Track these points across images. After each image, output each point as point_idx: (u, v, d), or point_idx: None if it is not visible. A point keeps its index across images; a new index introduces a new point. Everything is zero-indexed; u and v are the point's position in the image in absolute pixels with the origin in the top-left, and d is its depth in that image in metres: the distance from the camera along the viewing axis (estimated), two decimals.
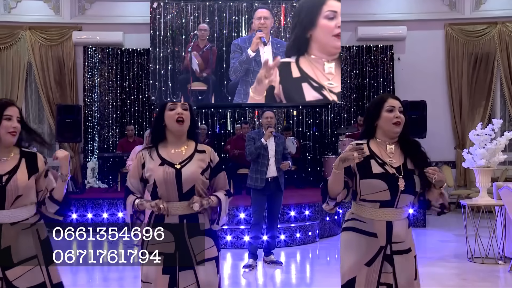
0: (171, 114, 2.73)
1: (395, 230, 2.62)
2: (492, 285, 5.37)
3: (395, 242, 2.62)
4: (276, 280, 5.71)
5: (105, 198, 8.42)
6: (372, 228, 2.63)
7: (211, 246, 2.73)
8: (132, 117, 10.83)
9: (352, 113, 10.80)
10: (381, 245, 2.61)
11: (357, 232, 2.66)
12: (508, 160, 8.61)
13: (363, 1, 10.86)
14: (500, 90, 10.79)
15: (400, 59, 10.85)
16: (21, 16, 10.72)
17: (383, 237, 2.61)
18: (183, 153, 2.75)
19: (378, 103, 2.70)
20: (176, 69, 10.27)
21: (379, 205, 2.61)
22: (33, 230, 2.66)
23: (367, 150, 2.65)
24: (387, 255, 2.61)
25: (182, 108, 2.74)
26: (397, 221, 2.63)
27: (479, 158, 6.12)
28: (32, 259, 2.61)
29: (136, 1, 10.72)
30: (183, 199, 2.68)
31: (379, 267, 2.60)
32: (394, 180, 2.59)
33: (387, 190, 2.58)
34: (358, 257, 2.62)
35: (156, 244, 2.63)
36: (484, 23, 10.70)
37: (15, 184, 2.62)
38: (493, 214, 6.48)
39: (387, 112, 2.66)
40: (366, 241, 2.63)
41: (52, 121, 10.49)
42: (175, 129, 2.74)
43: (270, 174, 5.84)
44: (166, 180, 2.66)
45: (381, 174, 2.59)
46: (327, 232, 7.78)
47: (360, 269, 2.61)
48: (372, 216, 2.63)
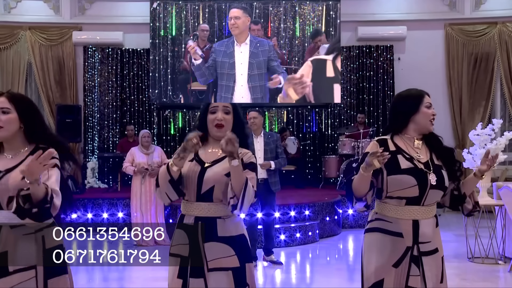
0: (211, 118, 2.60)
1: (422, 230, 2.53)
2: (492, 285, 5.37)
3: (422, 242, 2.53)
4: (276, 280, 5.71)
5: (105, 198, 8.42)
6: (397, 227, 2.54)
7: (229, 255, 2.51)
8: (132, 117, 10.82)
9: (352, 113, 10.80)
10: (407, 245, 2.52)
11: (382, 232, 2.57)
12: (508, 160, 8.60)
13: (363, 1, 10.86)
14: (500, 90, 10.79)
15: (400, 59, 10.85)
16: (21, 16, 10.72)
17: (409, 237, 2.52)
18: (219, 153, 2.58)
19: (416, 98, 2.65)
20: (176, 69, 10.27)
21: (405, 202, 2.53)
22: (37, 236, 2.34)
23: (392, 145, 2.61)
24: (414, 256, 2.52)
25: (223, 111, 2.60)
26: (424, 220, 2.55)
27: (479, 158, 6.12)
28: (29, 270, 2.31)
29: (136, 1, 10.72)
30: (200, 199, 2.53)
31: (407, 269, 2.51)
32: (423, 175, 2.54)
33: (416, 185, 2.51)
34: (384, 258, 2.52)
35: (176, 245, 2.55)
36: (484, 23, 10.70)
37: (6, 183, 2.32)
38: (493, 214, 6.48)
39: (426, 108, 2.63)
40: (392, 241, 2.53)
41: (52, 121, 10.48)
42: (213, 133, 2.62)
43: (258, 176, 5.81)
44: (188, 176, 2.54)
45: (410, 169, 2.53)
46: (327, 232, 7.78)
47: (388, 271, 2.51)
48: (397, 214, 2.55)
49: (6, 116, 2.40)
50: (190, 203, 2.56)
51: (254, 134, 5.89)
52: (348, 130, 9.95)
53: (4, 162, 2.41)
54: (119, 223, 8.25)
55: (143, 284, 5.43)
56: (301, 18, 10.25)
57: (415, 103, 2.64)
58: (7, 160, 2.42)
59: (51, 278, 2.35)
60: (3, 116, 2.39)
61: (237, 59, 9.75)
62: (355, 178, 2.53)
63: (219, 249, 2.51)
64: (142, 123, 10.80)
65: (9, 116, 2.40)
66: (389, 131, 2.70)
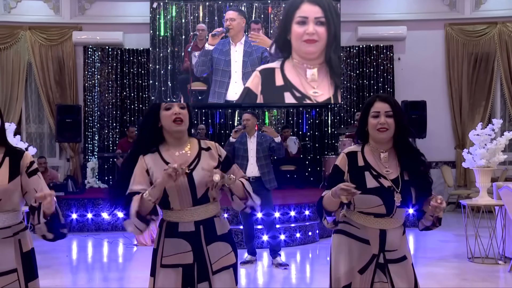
0: (167, 114, 2.50)
1: (389, 239, 2.49)
2: (492, 285, 5.37)
3: (388, 250, 2.50)
4: (276, 280, 5.70)
5: (105, 198, 8.42)
6: (364, 234, 2.51)
7: (228, 252, 2.53)
8: (132, 117, 10.83)
9: (352, 113, 10.80)
10: (373, 253, 2.49)
11: (349, 236, 2.54)
12: (508, 160, 8.61)
13: (363, 1, 10.86)
14: (500, 90, 10.79)
15: (400, 59, 10.85)
16: (21, 16, 10.72)
17: (376, 245, 2.49)
18: (188, 154, 2.53)
19: (365, 108, 2.55)
20: (176, 69, 10.27)
21: (373, 216, 2.50)
22: (15, 240, 2.33)
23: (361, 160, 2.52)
24: (380, 263, 2.50)
25: (179, 107, 2.53)
26: (392, 229, 2.51)
27: (479, 158, 6.12)
28: (11, 273, 2.29)
29: (136, 1, 10.72)
30: (198, 203, 2.47)
31: (372, 276, 2.49)
32: (389, 194, 2.45)
33: (382, 205, 2.46)
34: (351, 263, 2.51)
35: (173, 255, 2.45)
36: (484, 23, 10.70)
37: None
38: (493, 214, 6.48)
39: (372, 118, 2.50)
40: (358, 247, 2.51)
41: (52, 121, 10.49)
42: (173, 129, 2.51)
43: (251, 174, 5.83)
44: (178, 188, 2.41)
45: (376, 189, 2.44)
46: (327, 232, 7.76)
47: (355, 276, 2.50)
48: (365, 223, 2.51)
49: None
50: (184, 211, 2.47)
51: (248, 135, 6.06)
52: (348, 130, 9.95)
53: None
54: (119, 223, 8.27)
55: (143, 284, 5.42)
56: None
57: (364, 114, 2.56)
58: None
59: (30, 281, 2.37)
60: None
61: (232, 57, 9.81)
62: (325, 196, 2.47)
63: (220, 248, 2.52)
64: None
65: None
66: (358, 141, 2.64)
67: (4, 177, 2.31)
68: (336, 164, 2.58)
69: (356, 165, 2.52)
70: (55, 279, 5.53)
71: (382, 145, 2.54)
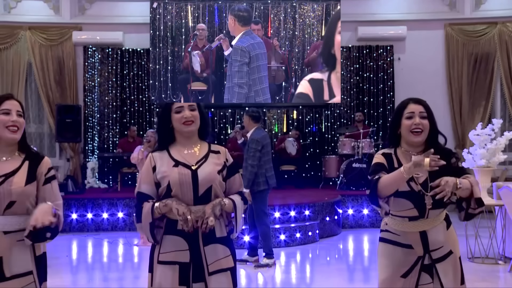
0: (177, 117, 2.55)
1: (431, 238, 2.50)
2: (492, 285, 5.37)
3: (433, 249, 2.50)
4: (276, 280, 5.70)
5: (105, 198, 8.43)
6: (406, 239, 2.52)
7: (226, 255, 2.54)
8: (132, 117, 10.83)
9: (352, 113, 10.80)
10: (418, 255, 2.51)
11: (393, 244, 2.56)
12: (508, 160, 8.60)
13: (363, 1, 10.86)
14: (500, 90, 10.79)
15: (400, 59, 10.85)
16: (21, 16, 10.72)
17: (419, 247, 2.51)
18: (197, 153, 2.57)
19: (398, 110, 2.57)
20: (176, 69, 10.27)
21: (408, 219, 2.52)
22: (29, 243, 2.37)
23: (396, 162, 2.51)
24: (426, 265, 2.50)
25: (189, 109, 2.56)
26: (432, 229, 2.52)
27: (479, 158, 6.12)
28: (27, 275, 2.36)
29: (136, 1, 10.72)
30: (198, 202, 2.48)
31: (416, 279, 2.50)
32: (420, 198, 2.46)
33: (414, 208, 2.48)
34: (393, 268, 2.52)
35: (170, 252, 2.48)
36: (484, 23, 10.70)
37: (9, 188, 2.32)
38: (493, 214, 6.48)
39: (406, 120, 2.51)
40: (403, 252, 2.52)
41: (52, 121, 10.49)
42: (183, 130, 2.56)
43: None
44: (181, 181, 2.47)
45: (407, 193, 2.46)
46: (327, 232, 7.77)
47: (396, 282, 2.51)
48: (404, 228, 2.53)
49: (21, 119, 2.44)
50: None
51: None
52: (348, 130, 9.96)
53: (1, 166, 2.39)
54: (119, 223, 8.27)
55: (143, 284, 5.43)
56: (301, 18, 10.25)
57: (396, 116, 2.57)
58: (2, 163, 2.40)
59: (42, 283, 2.45)
60: (20, 119, 2.42)
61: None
62: (385, 177, 2.44)
63: (218, 251, 2.52)
64: (142, 123, 10.81)
65: (22, 120, 2.45)
66: (390, 145, 2.63)
67: (21, 180, 2.37)
68: (376, 161, 2.57)
69: (392, 166, 2.54)
70: (55, 279, 5.52)
71: (414, 148, 2.55)
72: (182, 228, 2.42)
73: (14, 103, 2.42)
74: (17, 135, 2.41)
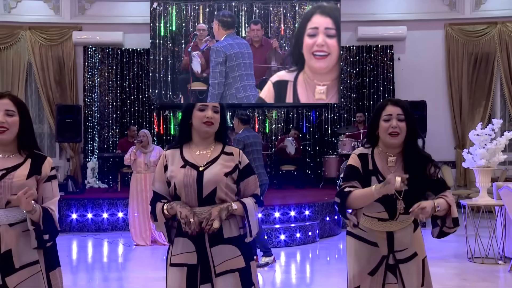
0: (200, 115, 2.53)
1: (397, 239, 2.51)
2: (492, 285, 5.37)
3: (398, 250, 2.51)
4: (276, 280, 5.70)
5: (105, 198, 8.43)
6: (372, 237, 2.53)
7: (236, 256, 2.49)
8: (132, 117, 10.82)
9: (352, 113, 10.79)
10: (383, 254, 2.52)
11: (358, 239, 2.57)
12: (508, 160, 8.60)
13: (363, 1, 10.86)
14: (500, 90, 10.79)
15: (400, 59, 10.85)
16: (21, 16, 10.72)
17: (384, 246, 2.52)
18: (208, 155, 2.55)
19: (376, 111, 2.55)
20: (176, 69, 10.27)
21: (377, 220, 2.52)
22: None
23: (371, 164, 2.50)
24: (390, 265, 2.51)
25: (213, 110, 2.54)
26: (399, 230, 2.52)
27: (479, 158, 6.12)
28: (34, 265, 2.39)
29: (136, 1, 10.72)
30: (203, 204, 2.47)
31: (382, 278, 2.50)
32: (393, 202, 2.45)
33: (384, 211, 2.48)
34: (361, 265, 2.53)
35: (179, 254, 2.49)
36: (484, 23, 10.70)
37: (10, 181, 2.34)
38: (493, 214, 6.48)
39: (384, 122, 2.50)
40: (368, 249, 2.53)
41: (52, 121, 10.49)
42: (202, 130, 2.54)
43: None
44: (186, 183, 2.47)
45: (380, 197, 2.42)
46: (327, 232, 7.78)
47: (364, 278, 2.52)
48: (372, 227, 2.53)
49: (11, 119, 2.38)
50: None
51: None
52: (348, 130, 9.96)
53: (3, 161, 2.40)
54: (119, 223, 8.26)
55: (143, 284, 5.43)
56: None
57: (375, 117, 2.55)
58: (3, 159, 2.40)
59: (51, 271, 2.48)
60: (9, 118, 2.37)
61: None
62: (356, 193, 2.45)
63: (226, 251, 2.49)
64: (142, 123, 10.80)
65: (14, 118, 2.39)
66: (368, 144, 2.62)
67: (23, 174, 2.38)
68: (350, 164, 2.58)
69: (367, 167, 2.53)
70: None
71: (391, 149, 2.54)
72: (185, 230, 2.42)
73: (3, 102, 2.37)
74: (5, 136, 2.37)
